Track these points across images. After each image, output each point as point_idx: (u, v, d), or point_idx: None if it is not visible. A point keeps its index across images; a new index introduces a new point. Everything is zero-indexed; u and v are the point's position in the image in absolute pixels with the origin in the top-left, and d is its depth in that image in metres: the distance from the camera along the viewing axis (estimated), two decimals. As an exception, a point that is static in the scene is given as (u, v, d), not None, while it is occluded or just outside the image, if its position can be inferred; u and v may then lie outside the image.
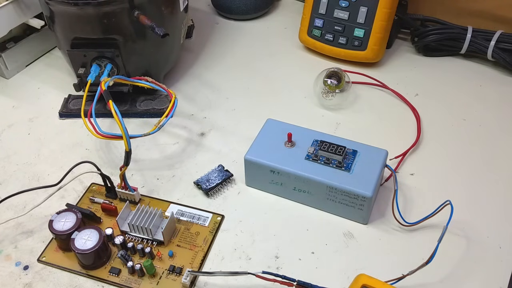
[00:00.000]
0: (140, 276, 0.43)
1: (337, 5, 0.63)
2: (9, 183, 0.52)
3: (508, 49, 0.60)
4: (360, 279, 0.37)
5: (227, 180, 0.50)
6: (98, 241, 0.42)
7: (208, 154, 0.54)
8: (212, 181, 0.50)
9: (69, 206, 0.46)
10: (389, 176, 0.49)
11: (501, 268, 0.43)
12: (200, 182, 0.50)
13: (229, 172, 0.50)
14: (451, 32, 0.63)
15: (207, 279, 0.43)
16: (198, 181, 0.50)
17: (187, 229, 0.46)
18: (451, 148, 0.54)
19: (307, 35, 0.66)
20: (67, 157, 0.54)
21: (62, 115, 0.59)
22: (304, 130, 0.50)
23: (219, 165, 0.51)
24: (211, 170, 0.51)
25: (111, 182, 0.48)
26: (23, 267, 0.44)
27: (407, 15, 0.66)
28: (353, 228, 0.46)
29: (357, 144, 0.48)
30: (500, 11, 0.63)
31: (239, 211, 0.48)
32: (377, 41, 0.62)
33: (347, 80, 0.58)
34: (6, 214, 0.47)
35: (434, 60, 0.66)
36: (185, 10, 0.61)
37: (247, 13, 0.73)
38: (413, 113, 0.57)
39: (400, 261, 0.43)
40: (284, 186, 0.48)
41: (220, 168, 0.51)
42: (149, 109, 0.58)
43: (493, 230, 0.45)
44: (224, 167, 0.51)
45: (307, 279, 0.39)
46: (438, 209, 0.43)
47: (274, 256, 0.44)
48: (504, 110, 0.58)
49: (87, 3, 0.50)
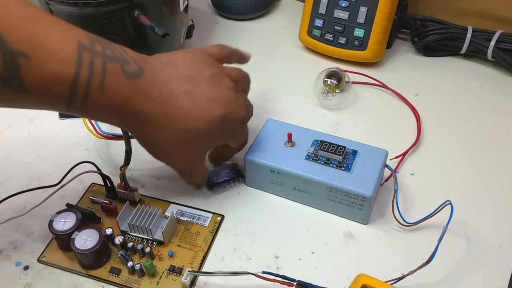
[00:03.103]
0: (140, 276, 0.43)
1: (337, 5, 0.63)
2: (9, 183, 0.52)
3: (508, 49, 0.60)
4: (360, 279, 0.37)
5: (236, 180, 0.50)
6: (98, 241, 0.42)
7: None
8: (222, 176, 0.49)
9: (69, 206, 0.46)
10: (389, 176, 0.49)
11: (501, 268, 0.43)
12: (212, 173, 0.50)
13: (241, 172, 0.50)
14: (451, 32, 0.63)
15: (207, 279, 0.43)
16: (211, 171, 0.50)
17: (187, 229, 0.46)
18: (451, 148, 0.54)
19: (307, 35, 0.66)
20: (67, 157, 0.54)
21: (62, 115, 0.59)
22: (304, 130, 0.50)
23: (234, 163, 0.51)
24: (224, 166, 0.51)
25: (111, 182, 0.48)
26: (23, 267, 0.44)
27: (407, 15, 0.66)
28: (353, 228, 0.46)
29: (357, 144, 0.48)
30: (500, 11, 0.63)
31: (239, 211, 0.48)
32: (377, 41, 0.62)
33: (347, 80, 0.58)
34: (6, 214, 0.47)
35: (434, 60, 0.66)
36: (185, 10, 0.61)
37: (247, 13, 0.73)
38: (413, 113, 0.57)
39: (400, 261, 0.43)
40: (284, 186, 0.48)
41: (234, 166, 0.51)
42: (149, 109, 0.58)
43: (493, 230, 0.45)
44: (238, 166, 0.51)
45: (307, 279, 0.39)
46: (438, 209, 0.43)
47: (274, 256, 0.44)
48: (504, 110, 0.58)
49: (87, 3, 0.51)
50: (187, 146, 0.42)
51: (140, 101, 0.38)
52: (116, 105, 0.37)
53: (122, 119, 0.39)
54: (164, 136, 0.41)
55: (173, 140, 0.41)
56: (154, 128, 0.40)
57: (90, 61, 0.35)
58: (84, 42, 0.36)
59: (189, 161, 0.45)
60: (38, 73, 0.33)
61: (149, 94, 0.39)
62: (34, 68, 0.33)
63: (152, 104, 0.39)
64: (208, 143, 0.44)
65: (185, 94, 0.40)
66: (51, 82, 0.34)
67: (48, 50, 0.34)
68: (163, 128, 0.40)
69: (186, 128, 0.40)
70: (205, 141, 0.43)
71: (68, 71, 0.34)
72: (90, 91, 0.36)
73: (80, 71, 0.35)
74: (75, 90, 0.35)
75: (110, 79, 0.36)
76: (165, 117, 0.40)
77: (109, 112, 0.38)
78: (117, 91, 0.37)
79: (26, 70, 0.33)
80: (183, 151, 0.42)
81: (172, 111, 0.40)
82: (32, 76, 0.33)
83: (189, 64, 0.42)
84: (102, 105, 0.37)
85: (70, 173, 0.47)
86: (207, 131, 0.41)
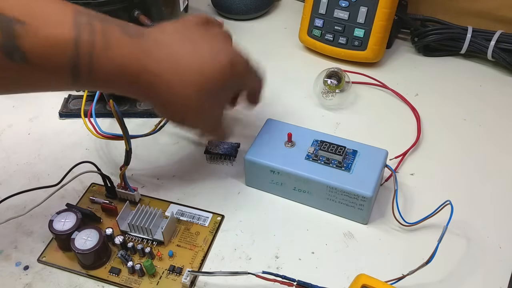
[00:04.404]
0: (140, 276, 0.43)
1: (337, 5, 0.63)
2: (9, 183, 0.52)
3: (508, 49, 0.60)
4: (360, 279, 0.37)
5: (228, 157, 0.52)
6: (98, 241, 0.42)
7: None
8: (218, 148, 0.52)
9: (69, 206, 0.46)
10: (389, 176, 0.49)
11: (501, 268, 0.43)
12: (211, 142, 0.52)
13: (236, 153, 0.52)
14: (451, 32, 0.63)
15: (207, 279, 0.43)
16: (211, 141, 0.53)
17: (187, 229, 0.46)
18: (451, 148, 0.54)
19: (307, 35, 0.66)
20: (67, 157, 0.54)
21: (62, 115, 0.59)
22: (304, 130, 0.50)
23: (238, 143, 0.53)
24: (226, 142, 0.53)
25: (111, 182, 0.48)
26: (23, 267, 0.44)
27: (407, 15, 0.66)
28: (353, 228, 0.46)
29: (357, 144, 0.48)
30: (500, 11, 0.63)
31: (239, 211, 0.48)
32: (377, 41, 0.62)
33: (347, 80, 0.58)
34: (6, 214, 0.47)
35: (434, 60, 0.66)
36: (185, 10, 0.61)
37: (247, 13, 0.73)
38: (413, 113, 0.57)
39: (400, 261, 0.43)
40: (284, 186, 0.48)
41: (234, 145, 0.52)
42: (149, 109, 0.58)
43: (493, 230, 0.45)
44: (239, 146, 0.53)
45: (307, 279, 0.39)
46: (438, 209, 0.43)
47: (274, 256, 0.44)
48: (504, 110, 0.58)
49: (87, 3, 0.50)
50: (203, 98, 0.41)
51: (148, 58, 0.38)
52: (124, 64, 0.37)
53: (134, 82, 0.38)
54: (180, 92, 0.40)
55: (190, 94, 0.40)
56: (167, 86, 0.39)
57: (89, 23, 0.35)
58: (80, 9, 0.35)
59: (209, 116, 0.44)
60: (37, 40, 0.33)
61: (156, 53, 0.38)
62: (32, 35, 0.33)
63: (160, 62, 0.38)
64: (224, 92, 0.44)
65: (190, 52, 0.40)
66: (51, 47, 0.33)
67: (44, 15, 0.33)
68: (177, 84, 0.39)
69: (200, 81, 0.40)
70: (221, 91, 0.43)
71: (67, 33, 0.34)
72: (94, 53, 0.35)
73: (80, 33, 0.34)
74: (78, 54, 0.34)
75: (112, 38, 0.36)
76: (177, 73, 0.39)
77: (119, 75, 0.37)
78: (122, 49, 0.36)
79: (24, 38, 0.32)
80: (201, 105, 0.42)
81: (183, 67, 0.40)
82: (31, 43, 0.33)
83: (183, 27, 0.42)
84: (110, 68, 0.36)
85: (70, 173, 0.48)
86: (221, 79, 0.41)
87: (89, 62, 0.35)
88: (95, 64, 0.35)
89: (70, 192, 0.50)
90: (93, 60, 0.35)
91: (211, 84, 0.41)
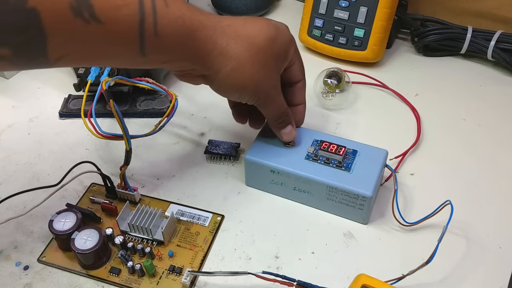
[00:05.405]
0: (140, 276, 0.43)
1: (337, 5, 0.63)
2: (9, 183, 0.52)
3: (508, 49, 0.60)
4: (360, 279, 0.37)
5: (228, 157, 0.52)
6: (98, 241, 0.42)
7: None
8: (218, 148, 0.52)
9: (69, 206, 0.46)
10: (389, 176, 0.49)
11: (501, 268, 0.43)
12: (211, 142, 0.53)
13: (236, 153, 0.52)
14: (451, 32, 0.63)
15: (207, 279, 0.43)
16: (211, 141, 0.53)
17: (187, 229, 0.46)
18: (451, 148, 0.54)
19: (307, 35, 0.66)
20: (67, 157, 0.54)
21: (62, 115, 0.59)
22: (304, 130, 0.50)
23: (238, 143, 0.53)
24: (227, 142, 0.53)
25: (111, 182, 0.48)
26: (23, 267, 0.44)
27: (407, 15, 0.66)
28: (353, 228, 0.46)
29: (357, 144, 0.48)
30: (500, 11, 0.63)
31: (239, 211, 0.48)
32: (377, 41, 0.62)
33: (347, 80, 0.58)
34: (6, 214, 0.47)
35: (434, 60, 0.66)
36: (185, 10, 0.61)
37: (247, 13, 0.73)
38: (413, 113, 0.57)
39: (400, 261, 0.43)
40: (284, 186, 0.48)
41: (234, 145, 0.53)
42: (149, 109, 0.58)
43: (493, 230, 0.45)
44: (240, 146, 0.53)
45: (307, 279, 0.39)
46: (438, 209, 0.43)
47: (274, 256, 0.44)
48: (504, 110, 0.58)
49: None
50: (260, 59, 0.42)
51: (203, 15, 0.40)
52: (185, 24, 0.38)
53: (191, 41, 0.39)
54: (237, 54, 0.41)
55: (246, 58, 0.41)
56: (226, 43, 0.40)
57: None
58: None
59: (264, 86, 0.44)
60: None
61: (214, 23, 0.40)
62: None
63: (216, 29, 0.40)
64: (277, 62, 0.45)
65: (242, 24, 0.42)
66: (119, 5, 0.34)
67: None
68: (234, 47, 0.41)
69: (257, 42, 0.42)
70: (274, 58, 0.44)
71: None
72: (157, 12, 0.36)
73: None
74: (144, 12, 0.35)
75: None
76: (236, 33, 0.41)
77: (182, 36, 0.38)
78: (180, 8, 0.38)
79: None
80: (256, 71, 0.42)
81: (237, 33, 0.41)
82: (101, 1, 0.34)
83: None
84: (172, 28, 0.37)
85: (70, 173, 0.47)
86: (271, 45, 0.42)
87: (153, 21, 0.36)
88: (158, 22, 0.36)
89: (70, 192, 0.50)
90: (156, 17, 0.36)
91: (268, 47, 0.42)
